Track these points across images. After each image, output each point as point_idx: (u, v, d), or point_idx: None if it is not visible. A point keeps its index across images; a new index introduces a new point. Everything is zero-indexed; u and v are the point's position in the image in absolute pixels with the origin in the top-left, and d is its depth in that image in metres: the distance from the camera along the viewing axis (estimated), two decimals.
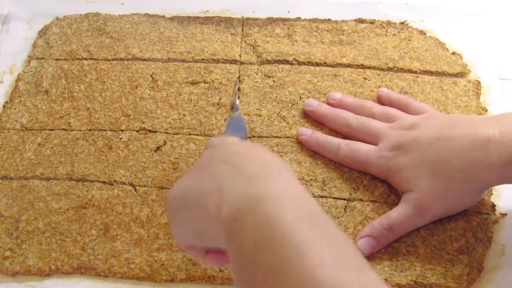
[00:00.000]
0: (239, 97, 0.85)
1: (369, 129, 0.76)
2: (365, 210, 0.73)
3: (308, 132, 0.80)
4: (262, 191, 0.47)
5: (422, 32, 0.94)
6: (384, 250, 0.69)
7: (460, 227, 0.70)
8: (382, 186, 0.75)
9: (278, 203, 0.45)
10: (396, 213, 0.69)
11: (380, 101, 0.83)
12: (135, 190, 0.76)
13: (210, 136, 0.81)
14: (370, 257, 0.68)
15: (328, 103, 0.84)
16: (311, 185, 0.75)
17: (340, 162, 0.77)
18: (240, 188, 0.48)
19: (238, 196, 0.48)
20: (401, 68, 0.89)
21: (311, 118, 0.83)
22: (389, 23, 0.95)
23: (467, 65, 0.89)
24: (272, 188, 0.47)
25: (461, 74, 0.88)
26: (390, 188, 0.74)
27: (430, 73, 0.88)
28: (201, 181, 0.53)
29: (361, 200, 0.74)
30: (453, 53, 0.91)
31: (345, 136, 0.79)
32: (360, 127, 0.77)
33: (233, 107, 0.74)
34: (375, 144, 0.75)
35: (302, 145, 0.79)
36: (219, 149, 0.57)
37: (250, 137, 0.80)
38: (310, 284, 0.39)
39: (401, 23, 0.96)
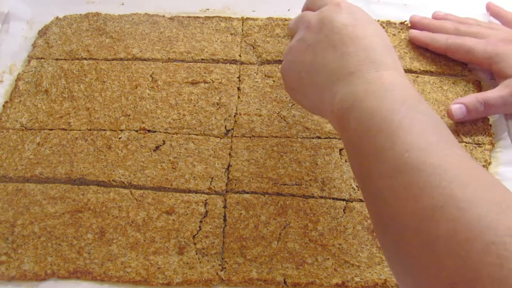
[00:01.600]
0: (239, 97, 0.83)
1: (476, 33, 0.81)
2: (364, 211, 0.72)
3: (419, 30, 0.87)
4: (361, 88, 0.51)
5: None
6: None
7: None
8: None
9: (374, 98, 0.49)
10: (493, 93, 0.75)
11: (488, 11, 0.90)
12: (131, 193, 0.74)
13: (210, 136, 0.79)
14: (370, 257, 0.67)
15: (433, 17, 0.89)
16: (310, 185, 0.74)
17: (446, 51, 0.83)
18: (345, 85, 0.52)
19: (342, 93, 0.52)
20: None
21: (418, 28, 0.88)
22: (389, 23, 0.92)
23: (467, 65, 0.86)
24: (371, 84, 0.51)
25: (461, 74, 0.86)
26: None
27: (430, 73, 0.86)
28: (313, 67, 0.57)
29: (361, 200, 0.73)
30: None
31: None
32: (468, 31, 0.82)
33: None
34: None
35: (412, 41, 0.87)
36: (325, 27, 0.57)
37: (250, 137, 0.78)
38: (401, 167, 0.43)
39: (401, 23, 0.93)
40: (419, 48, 0.88)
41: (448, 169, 0.42)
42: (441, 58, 0.87)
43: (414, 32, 0.86)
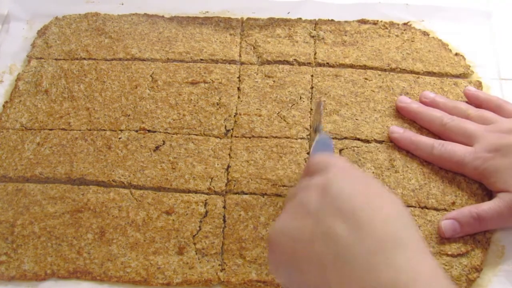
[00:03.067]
0: (239, 97, 0.82)
1: (464, 130, 0.74)
2: None
3: (400, 131, 0.77)
4: (390, 277, 0.41)
5: (425, 33, 0.90)
6: None
7: None
8: None
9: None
10: (488, 207, 0.68)
11: (468, 99, 0.80)
12: (131, 193, 0.73)
13: (210, 136, 0.78)
14: None
15: (421, 102, 0.80)
16: None
17: (434, 162, 0.74)
18: (364, 271, 0.42)
19: (364, 283, 0.42)
20: (403, 69, 0.85)
21: (403, 115, 0.80)
22: (392, 24, 0.92)
23: (470, 66, 0.86)
24: (400, 273, 0.41)
25: (464, 75, 0.85)
26: (390, 189, 0.72)
27: (433, 74, 0.85)
28: (315, 238, 0.46)
29: None
30: (456, 54, 0.88)
31: (437, 136, 0.77)
32: (456, 127, 0.74)
33: (316, 129, 0.67)
34: (469, 145, 0.72)
35: (394, 143, 0.76)
36: (330, 191, 0.48)
37: (249, 137, 0.78)
38: None
39: (404, 24, 0.92)
40: (422, 49, 0.87)
41: None
42: (444, 59, 0.86)
43: (394, 135, 0.76)
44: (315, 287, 0.46)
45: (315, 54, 0.87)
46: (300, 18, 0.92)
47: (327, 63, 0.86)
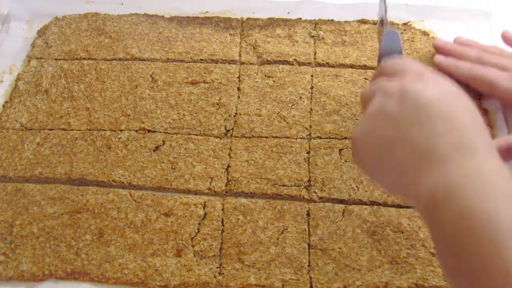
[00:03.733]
0: (239, 97, 0.82)
1: (499, 63, 0.77)
2: (363, 214, 0.70)
3: (444, 56, 0.83)
4: (458, 177, 0.43)
5: (425, 33, 0.90)
6: (384, 253, 0.66)
7: None
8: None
9: (476, 192, 0.42)
10: None
11: (505, 42, 0.84)
12: (130, 194, 0.72)
13: (210, 136, 0.77)
14: (370, 260, 0.66)
15: (456, 42, 0.85)
16: (310, 186, 0.72)
17: (469, 81, 0.78)
18: (437, 170, 0.45)
19: (434, 180, 0.45)
20: None
21: (441, 53, 0.84)
22: (391, 24, 0.90)
23: None
24: (469, 173, 0.43)
25: None
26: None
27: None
28: (396, 142, 0.49)
29: (360, 202, 0.71)
30: None
31: None
32: (491, 61, 0.78)
33: (382, 22, 0.70)
34: None
35: (437, 67, 0.81)
36: (408, 99, 0.50)
37: (249, 137, 0.77)
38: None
39: (404, 24, 0.91)
40: (422, 49, 0.87)
41: None
42: None
43: (439, 58, 0.82)
44: (395, 183, 0.50)
45: (315, 54, 0.86)
46: (300, 18, 0.91)
47: (327, 63, 0.85)
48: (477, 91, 0.79)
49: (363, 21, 0.90)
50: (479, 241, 0.39)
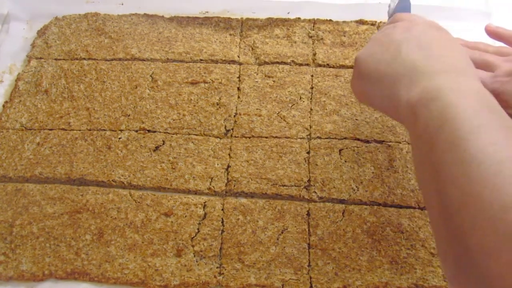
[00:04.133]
0: (239, 97, 0.81)
1: (484, 60, 0.77)
2: (363, 214, 0.70)
3: None
4: (447, 84, 0.49)
5: None
6: (384, 253, 0.66)
7: None
8: (381, 187, 0.72)
9: (462, 95, 0.48)
10: None
11: (488, 34, 0.83)
12: (130, 194, 0.72)
13: (209, 136, 0.77)
14: (370, 260, 0.66)
15: None
16: (310, 185, 0.72)
17: None
18: (429, 79, 0.51)
19: (426, 85, 0.50)
20: None
21: None
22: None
23: None
24: (458, 84, 0.49)
25: None
26: (389, 189, 0.72)
27: None
28: (394, 60, 0.56)
29: (360, 202, 0.71)
30: None
31: None
32: (477, 59, 0.77)
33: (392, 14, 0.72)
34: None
35: None
36: (415, 29, 0.58)
37: (249, 137, 0.77)
38: (482, 159, 0.42)
39: None
40: None
41: None
42: None
43: None
44: (386, 95, 0.56)
45: (314, 55, 0.86)
46: (299, 18, 0.91)
47: (327, 64, 0.85)
48: None
49: (362, 22, 0.90)
50: (451, 131, 0.45)
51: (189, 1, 0.93)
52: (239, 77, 0.83)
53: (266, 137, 0.77)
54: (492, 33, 0.81)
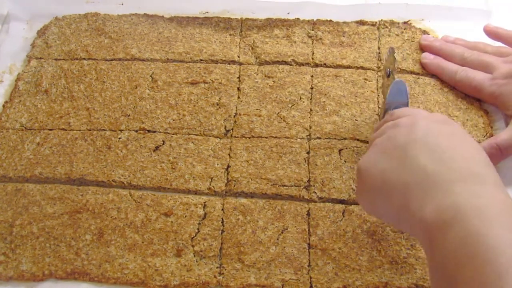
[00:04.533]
0: (238, 97, 0.81)
1: (483, 61, 0.79)
2: (363, 214, 0.70)
3: (431, 57, 0.84)
4: (466, 202, 0.44)
5: (425, 33, 0.89)
6: (384, 253, 0.66)
7: None
8: None
9: (483, 219, 0.42)
10: (506, 135, 0.70)
11: (487, 35, 0.84)
12: (130, 194, 0.72)
13: (209, 136, 0.77)
14: (370, 260, 0.66)
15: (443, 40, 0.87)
16: (310, 186, 0.72)
17: (455, 86, 0.81)
18: (444, 193, 0.46)
19: (441, 202, 0.45)
20: (404, 70, 0.84)
21: (427, 51, 0.85)
22: (392, 23, 0.90)
23: None
24: (478, 200, 0.44)
25: None
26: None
27: (434, 75, 0.84)
28: (402, 167, 0.51)
29: None
30: None
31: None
32: (475, 60, 0.80)
33: (389, 74, 0.70)
34: (487, 73, 0.78)
35: (423, 68, 0.84)
36: (420, 127, 0.53)
37: (249, 137, 0.77)
38: None
39: (405, 22, 0.91)
40: (423, 50, 0.86)
41: None
42: None
43: (425, 60, 0.84)
44: (397, 209, 0.50)
45: (313, 54, 0.86)
46: (298, 18, 0.90)
47: (325, 63, 0.85)
48: None
49: (362, 22, 0.90)
50: (480, 267, 0.39)
51: (189, 1, 0.93)
52: (239, 77, 0.83)
53: (266, 137, 0.76)
54: (491, 33, 0.81)
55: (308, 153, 0.75)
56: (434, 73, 0.82)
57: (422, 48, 0.86)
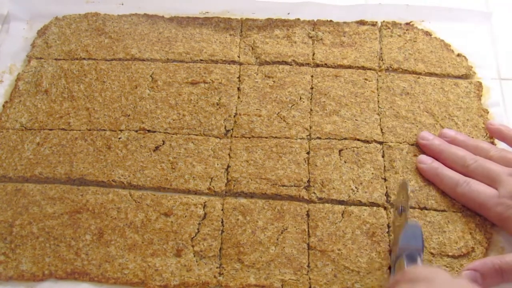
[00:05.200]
0: (238, 97, 0.81)
1: (487, 172, 0.69)
2: (363, 215, 0.70)
3: (428, 161, 0.74)
4: None
5: (427, 33, 0.89)
6: (384, 255, 0.66)
7: (459, 229, 0.69)
8: (381, 188, 0.72)
9: None
10: (511, 259, 0.63)
11: (491, 134, 0.77)
12: (130, 194, 0.72)
13: (209, 136, 0.77)
14: (369, 262, 0.66)
15: (442, 136, 0.77)
16: (309, 186, 0.72)
17: (456, 199, 0.71)
18: None
19: None
20: (405, 70, 0.84)
21: (426, 152, 0.75)
22: (394, 24, 0.90)
23: (472, 67, 0.84)
24: None
25: (466, 76, 0.83)
26: (389, 190, 0.72)
27: (435, 75, 0.84)
28: None
29: (360, 204, 0.71)
30: (458, 55, 0.86)
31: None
32: (479, 169, 0.71)
33: (401, 212, 0.65)
34: (492, 187, 0.69)
35: (420, 173, 0.74)
36: None
37: (249, 137, 0.77)
38: None
39: (407, 23, 0.90)
40: (424, 50, 0.86)
41: None
42: (446, 60, 0.85)
43: (422, 164, 0.74)
44: None
45: (313, 54, 0.86)
46: (299, 19, 0.90)
47: (325, 64, 0.85)
48: None
49: (362, 22, 0.90)
50: None
51: (189, 1, 0.93)
52: (239, 77, 0.83)
53: (266, 137, 0.76)
54: (495, 132, 0.76)
55: (308, 153, 0.75)
56: (432, 181, 0.73)
57: (421, 147, 0.76)
